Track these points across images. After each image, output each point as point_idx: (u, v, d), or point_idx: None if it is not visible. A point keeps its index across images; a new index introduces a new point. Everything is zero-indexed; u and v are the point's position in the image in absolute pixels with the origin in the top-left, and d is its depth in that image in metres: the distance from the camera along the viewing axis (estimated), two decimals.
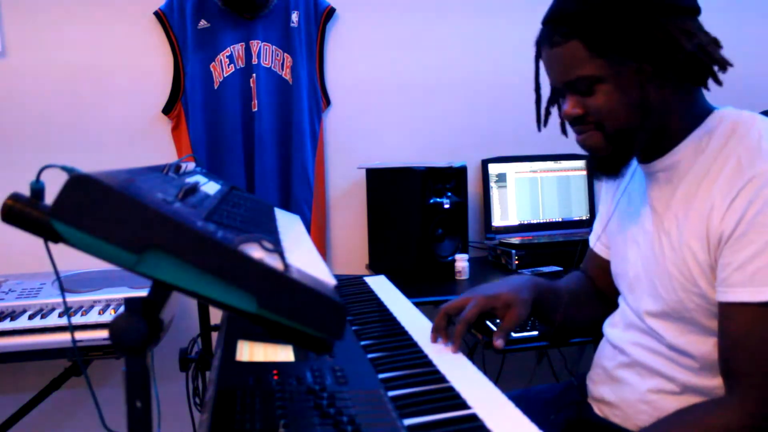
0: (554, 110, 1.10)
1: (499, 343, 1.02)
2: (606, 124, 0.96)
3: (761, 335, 0.86)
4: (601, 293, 1.26)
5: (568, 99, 0.99)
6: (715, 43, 0.96)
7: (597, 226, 1.27)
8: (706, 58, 0.93)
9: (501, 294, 1.07)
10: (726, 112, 0.99)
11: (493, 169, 2.22)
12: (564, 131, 1.08)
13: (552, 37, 0.96)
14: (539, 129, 1.09)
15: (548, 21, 0.98)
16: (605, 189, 1.24)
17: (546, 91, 1.09)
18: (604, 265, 1.21)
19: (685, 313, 0.96)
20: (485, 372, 0.92)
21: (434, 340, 1.03)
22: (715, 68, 0.95)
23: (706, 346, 0.94)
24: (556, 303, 1.18)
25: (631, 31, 0.91)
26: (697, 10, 0.96)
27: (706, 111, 1.00)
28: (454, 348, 1.00)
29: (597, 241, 1.26)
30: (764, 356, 0.86)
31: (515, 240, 2.10)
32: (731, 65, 0.95)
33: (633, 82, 0.93)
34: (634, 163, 1.08)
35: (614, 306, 1.17)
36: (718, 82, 0.96)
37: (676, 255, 0.96)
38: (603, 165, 1.01)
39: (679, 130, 0.98)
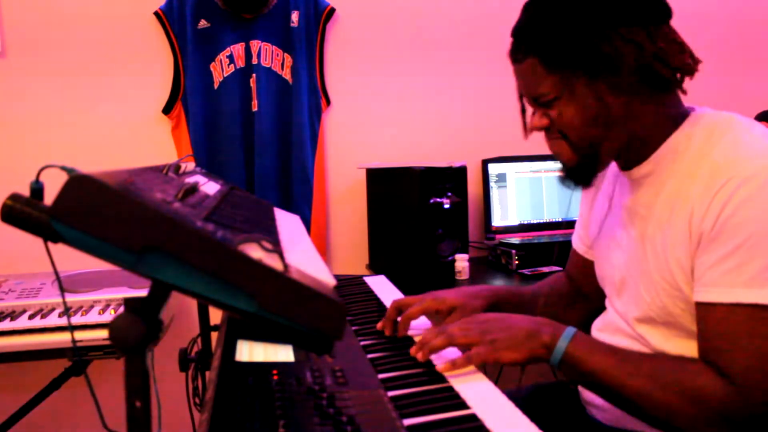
0: None
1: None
2: (569, 136, 0.97)
3: (732, 335, 0.85)
4: (582, 294, 1.28)
5: (534, 110, 1.01)
6: (680, 49, 0.94)
7: (578, 226, 1.28)
8: (663, 66, 0.91)
9: (447, 298, 1.14)
10: (703, 114, 0.98)
11: (493, 169, 2.22)
12: (526, 137, 1.09)
13: (515, 53, 0.98)
14: (525, 137, 1.11)
15: (512, 35, 0.99)
16: (583, 190, 1.25)
17: None
18: (587, 265, 1.22)
19: (670, 318, 0.96)
20: (485, 372, 0.92)
21: (380, 327, 1.11)
22: (678, 75, 0.94)
23: (693, 350, 0.94)
24: (528, 307, 1.23)
25: (578, 46, 0.91)
26: (662, 17, 0.94)
27: (681, 114, 0.98)
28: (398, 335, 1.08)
29: (579, 242, 1.27)
30: (736, 354, 0.85)
31: (515, 240, 2.10)
32: (700, 61, 0.94)
33: (590, 96, 0.93)
34: (615, 167, 1.08)
35: (596, 305, 1.18)
36: (683, 90, 0.96)
37: (659, 260, 0.95)
38: (572, 174, 1.03)
39: (654, 136, 0.98)
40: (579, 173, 1.01)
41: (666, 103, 0.97)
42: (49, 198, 0.58)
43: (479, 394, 0.83)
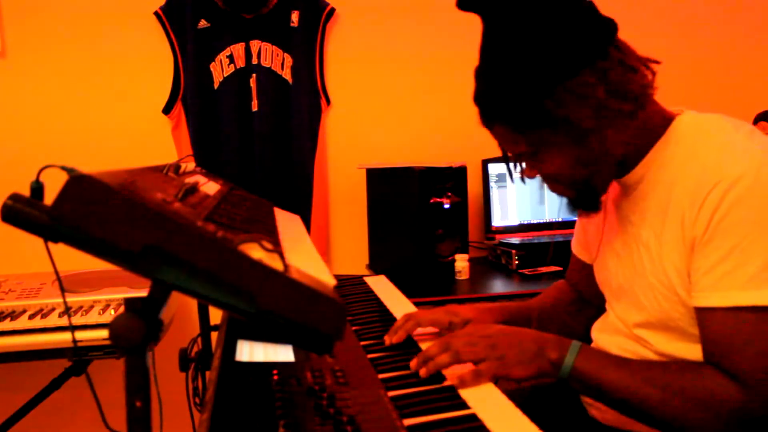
0: None
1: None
2: (560, 179, 0.98)
3: (735, 338, 0.86)
4: (585, 300, 1.28)
5: (524, 163, 1.01)
6: (632, 70, 0.90)
7: (576, 230, 1.28)
8: (621, 101, 0.89)
9: (461, 311, 1.14)
10: (687, 117, 0.97)
11: (493, 169, 2.22)
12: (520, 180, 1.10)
13: (483, 120, 0.98)
14: (512, 180, 1.11)
15: (474, 102, 0.98)
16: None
17: None
18: (587, 269, 1.22)
19: (670, 323, 0.96)
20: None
21: (387, 340, 1.06)
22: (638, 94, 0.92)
23: (694, 352, 0.94)
24: (537, 324, 1.24)
25: (533, 109, 0.90)
26: (607, 42, 0.90)
27: (664, 121, 0.97)
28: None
29: (578, 246, 1.27)
30: (739, 357, 0.85)
31: (515, 240, 2.10)
32: (658, 62, 0.93)
33: (565, 144, 0.92)
34: None
35: (601, 309, 1.17)
36: (642, 106, 0.92)
37: (655, 266, 0.95)
38: (578, 205, 1.03)
39: (639, 147, 0.97)
40: (583, 203, 1.01)
41: (644, 116, 0.94)
42: (49, 198, 0.58)
43: (479, 394, 0.83)
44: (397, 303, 1.30)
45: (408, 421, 0.74)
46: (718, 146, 0.90)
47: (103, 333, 1.48)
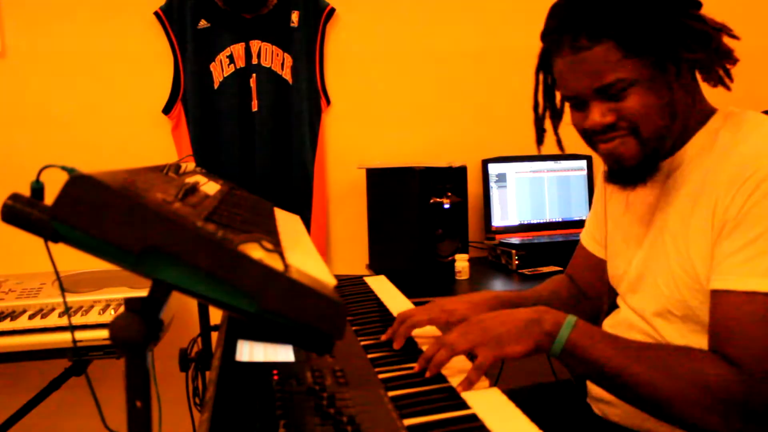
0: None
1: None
2: (641, 128, 0.93)
3: (745, 323, 0.85)
4: (585, 295, 1.28)
5: (594, 107, 0.95)
6: (727, 33, 0.94)
7: (590, 223, 1.27)
8: (721, 53, 0.93)
9: (457, 309, 1.10)
10: (730, 111, 0.99)
11: (493, 169, 2.22)
12: (561, 148, 1.07)
13: (575, 41, 0.91)
14: (539, 149, 1.08)
15: (566, 25, 0.93)
16: (599, 187, 1.24)
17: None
18: (594, 263, 1.22)
19: (688, 312, 0.96)
20: (485, 372, 0.92)
21: (385, 339, 1.05)
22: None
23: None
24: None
25: (663, 30, 0.88)
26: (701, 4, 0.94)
27: (708, 110, 1.00)
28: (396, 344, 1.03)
29: (590, 239, 1.27)
30: (748, 342, 0.85)
31: (515, 240, 2.10)
32: (738, 60, 0.95)
33: (663, 83, 0.91)
34: None
35: (598, 306, 1.17)
36: (730, 77, 0.95)
37: (680, 253, 0.95)
38: (630, 173, 0.98)
39: (686, 131, 0.98)
40: (639, 170, 0.97)
41: (698, 98, 0.97)
42: (49, 198, 0.58)
43: (479, 394, 0.83)
44: (397, 303, 1.30)
45: (408, 421, 0.74)
46: (760, 139, 0.92)
47: (103, 333, 1.48)
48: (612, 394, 0.95)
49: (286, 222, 1.13)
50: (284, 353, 0.93)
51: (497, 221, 2.22)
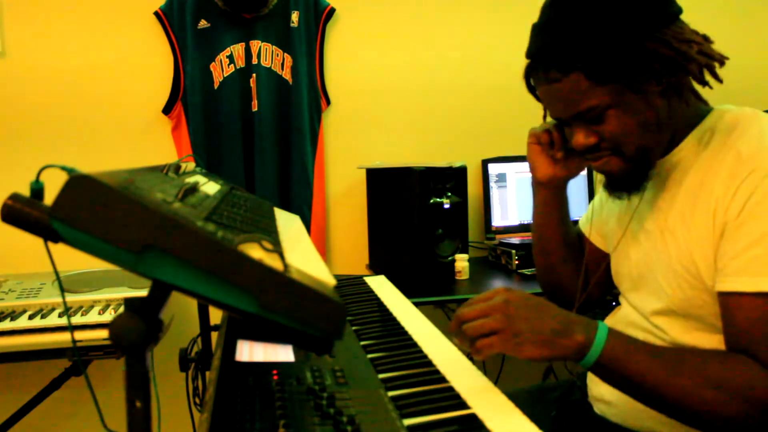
0: None
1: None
2: (623, 148, 0.95)
3: (764, 326, 0.85)
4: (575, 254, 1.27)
5: (577, 130, 0.97)
6: (706, 39, 0.95)
7: (588, 212, 1.28)
8: (706, 58, 0.92)
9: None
10: (726, 108, 1.00)
11: (493, 169, 2.22)
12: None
13: (547, 73, 0.94)
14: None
15: (538, 58, 0.95)
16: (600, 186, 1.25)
17: None
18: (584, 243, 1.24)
19: (691, 311, 0.96)
20: (485, 372, 0.92)
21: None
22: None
23: (711, 342, 0.94)
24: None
25: (624, 56, 0.89)
26: (679, 11, 0.94)
27: (704, 108, 1.00)
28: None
29: (587, 224, 1.27)
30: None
31: (515, 240, 2.10)
32: (727, 59, 0.94)
33: (642, 102, 0.92)
34: None
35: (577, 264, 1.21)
36: (719, 80, 0.95)
37: (681, 252, 0.95)
38: (623, 184, 1.00)
39: (680, 130, 0.99)
40: (630, 181, 0.99)
41: (690, 101, 0.97)
42: (49, 198, 0.58)
43: (479, 394, 0.83)
44: (397, 303, 1.30)
45: (408, 421, 0.74)
46: (757, 136, 0.91)
47: (103, 333, 1.48)
48: (648, 406, 0.91)
49: (286, 222, 1.13)
50: (284, 353, 0.93)
51: (497, 221, 2.22)
